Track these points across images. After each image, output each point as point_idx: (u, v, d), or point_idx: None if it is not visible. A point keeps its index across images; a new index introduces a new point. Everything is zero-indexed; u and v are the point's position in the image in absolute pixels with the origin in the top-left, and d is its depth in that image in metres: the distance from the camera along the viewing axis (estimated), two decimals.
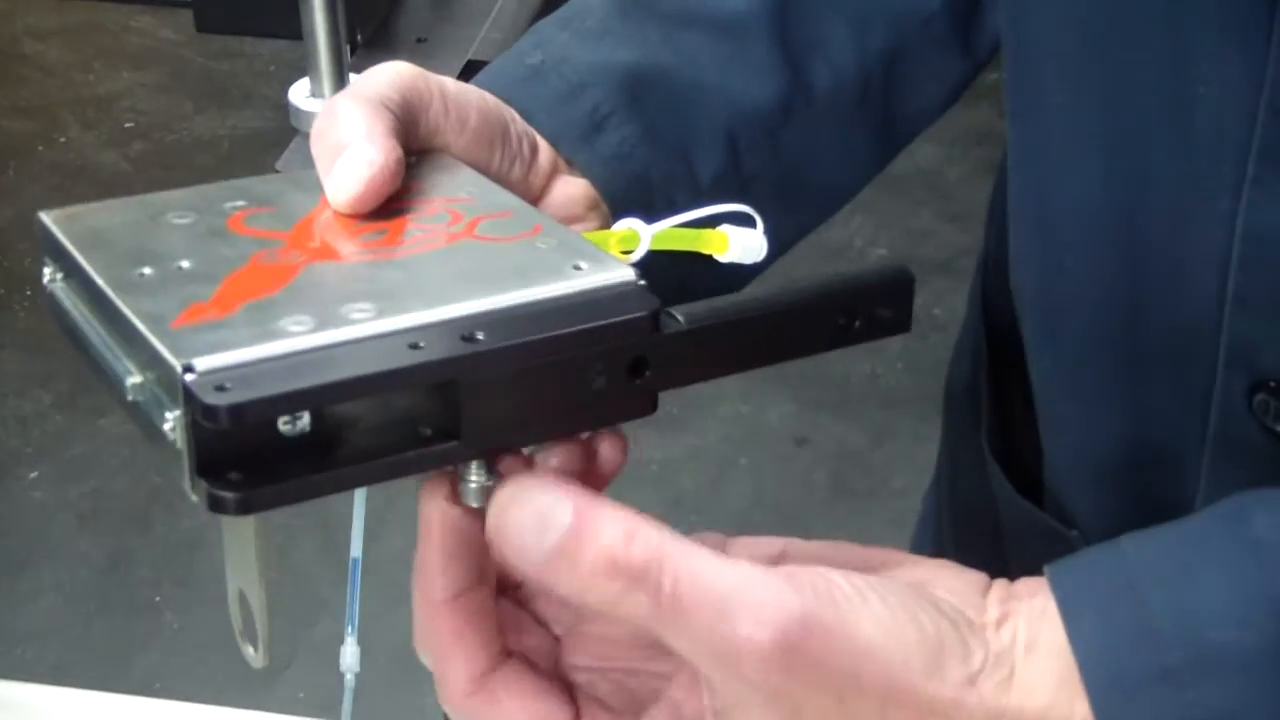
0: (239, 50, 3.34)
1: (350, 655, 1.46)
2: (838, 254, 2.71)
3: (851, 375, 2.60)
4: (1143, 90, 0.56)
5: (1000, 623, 0.45)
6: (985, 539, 0.75)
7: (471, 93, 0.56)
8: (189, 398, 0.40)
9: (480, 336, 0.43)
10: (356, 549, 1.46)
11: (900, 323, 0.51)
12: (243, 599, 0.47)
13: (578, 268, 0.46)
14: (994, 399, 0.76)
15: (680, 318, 0.46)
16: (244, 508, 0.41)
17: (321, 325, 0.43)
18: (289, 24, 1.06)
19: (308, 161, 1.13)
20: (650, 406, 0.46)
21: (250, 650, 0.47)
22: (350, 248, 0.48)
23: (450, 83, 0.55)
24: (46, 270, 0.49)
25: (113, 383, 0.44)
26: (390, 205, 0.50)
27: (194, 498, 0.42)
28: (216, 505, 0.41)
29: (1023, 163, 0.63)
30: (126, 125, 3.19)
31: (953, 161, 3.03)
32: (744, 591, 0.42)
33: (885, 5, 0.67)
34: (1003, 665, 0.44)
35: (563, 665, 0.48)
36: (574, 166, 0.60)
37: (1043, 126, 0.61)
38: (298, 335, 0.42)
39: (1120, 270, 0.59)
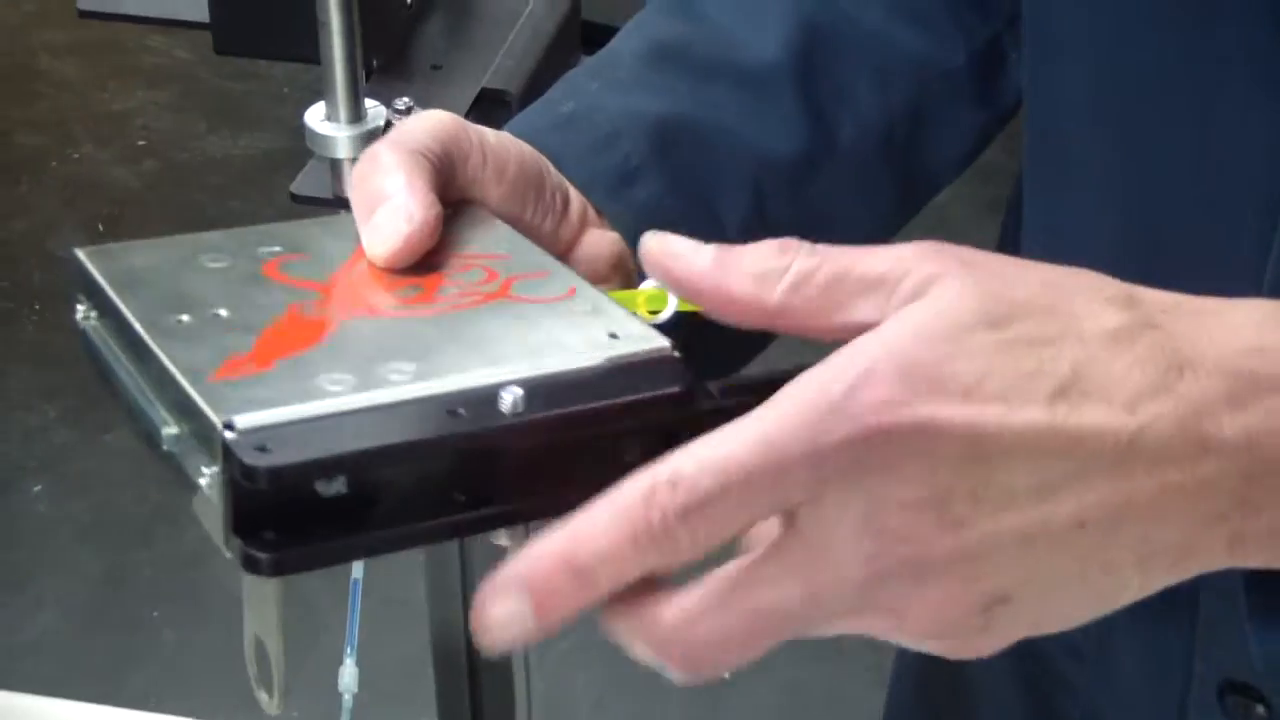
0: (253, 72, 3.36)
1: (349, 676, 1.47)
2: None
3: None
4: (1165, 140, 0.56)
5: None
6: None
7: (511, 144, 0.56)
8: (228, 456, 0.40)
9: (519, 407, 0.43)
10: (357, 570, 1.46)
11: None
12: (259, 646, 0.46)
13: (614, 335, 0.46)
14: None
15: (715, 391, 0.46)
16: (277, 569, 0.41)
17: (360, 385, 0.43)
18: (306, 48, 1.07)
19: (322, 185, 1.14)
20: None
21: (265, 697, 0.47)
22: (386, 301, 0.48)
23: (490, 133, 0.55)
24: (79, 308, 0.48)
25: (148, 430, 0.44)
26: (425, 259, 0.50)
27: (228, 554, 0.42)
28: (251, 565, 0.41)
29: (1039, 208, 0.63)
30: (139, 143, 3.20)
31: (959, 199, 3.04)
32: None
33: (908, 58, 0.67)
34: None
35: None
36: (604, 217, 0.60)
37: (1061, 174, 0.61)
38: (337, 395, 0.42)
39: None
